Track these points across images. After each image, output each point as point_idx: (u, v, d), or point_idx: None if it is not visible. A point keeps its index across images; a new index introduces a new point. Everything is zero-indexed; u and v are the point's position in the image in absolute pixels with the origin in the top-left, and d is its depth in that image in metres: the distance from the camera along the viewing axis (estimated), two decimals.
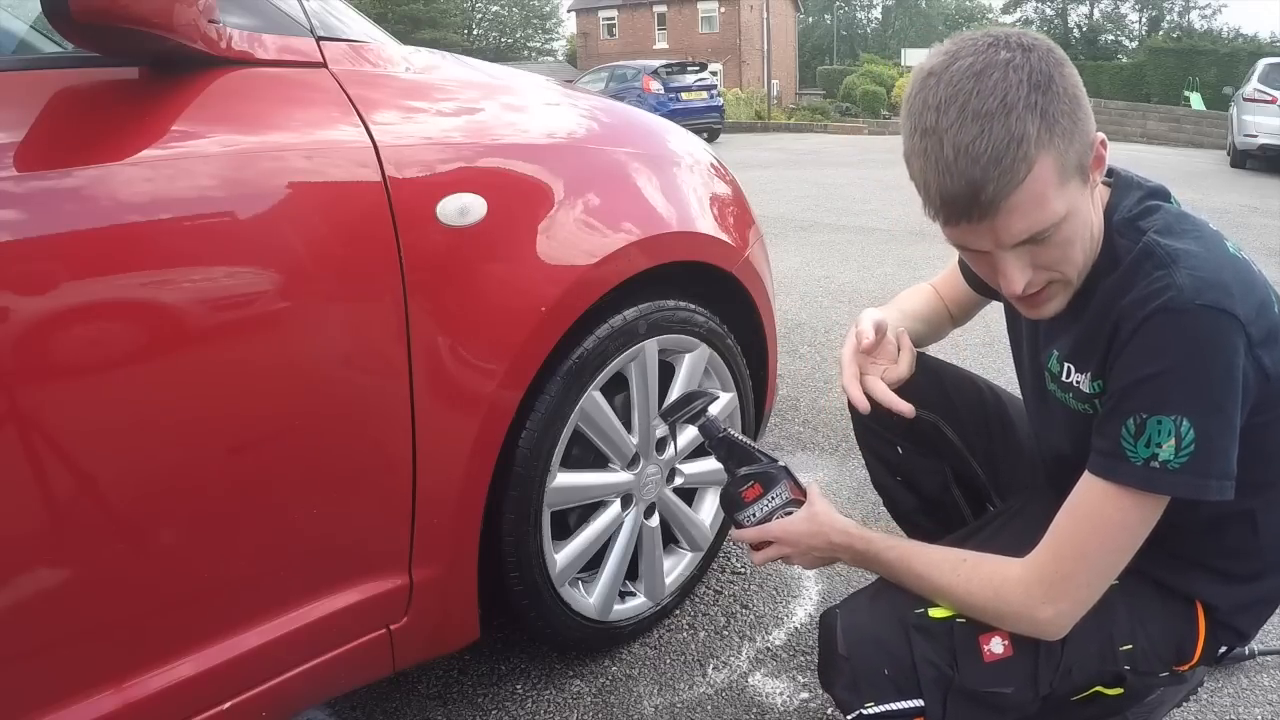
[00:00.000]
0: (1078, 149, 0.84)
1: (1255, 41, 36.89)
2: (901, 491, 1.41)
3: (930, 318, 1.33)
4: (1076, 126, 0.83)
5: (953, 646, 0.99)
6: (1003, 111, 0.80)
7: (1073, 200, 0.86)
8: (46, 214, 0.81)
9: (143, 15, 0.83)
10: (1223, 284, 0.85)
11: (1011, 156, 0.80)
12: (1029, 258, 0.89)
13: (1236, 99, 11.27)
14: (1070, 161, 0.84)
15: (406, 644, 1.17)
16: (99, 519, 0.88)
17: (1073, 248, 0.90)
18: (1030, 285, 0.91)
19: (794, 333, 3.48)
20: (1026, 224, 0.84)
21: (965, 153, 0.81)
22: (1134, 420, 0.87)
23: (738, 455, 1.13)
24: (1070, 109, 0.83)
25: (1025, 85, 0.81)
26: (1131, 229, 0.94)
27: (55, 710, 0.87)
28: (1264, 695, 1.43)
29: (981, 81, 0.81)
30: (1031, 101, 0.81)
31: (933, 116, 0.83)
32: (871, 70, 29.06)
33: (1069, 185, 0.85)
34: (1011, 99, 0.80)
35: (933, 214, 0.88)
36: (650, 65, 15.07)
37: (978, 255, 0.92)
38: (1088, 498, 0.92)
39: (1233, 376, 0.85)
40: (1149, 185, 0.99)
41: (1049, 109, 0.81)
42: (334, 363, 1.02)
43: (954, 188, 0.82)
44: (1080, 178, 0.86)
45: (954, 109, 0.82)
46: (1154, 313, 0.86)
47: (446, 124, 1.16)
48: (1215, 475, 0.86)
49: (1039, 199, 0.83)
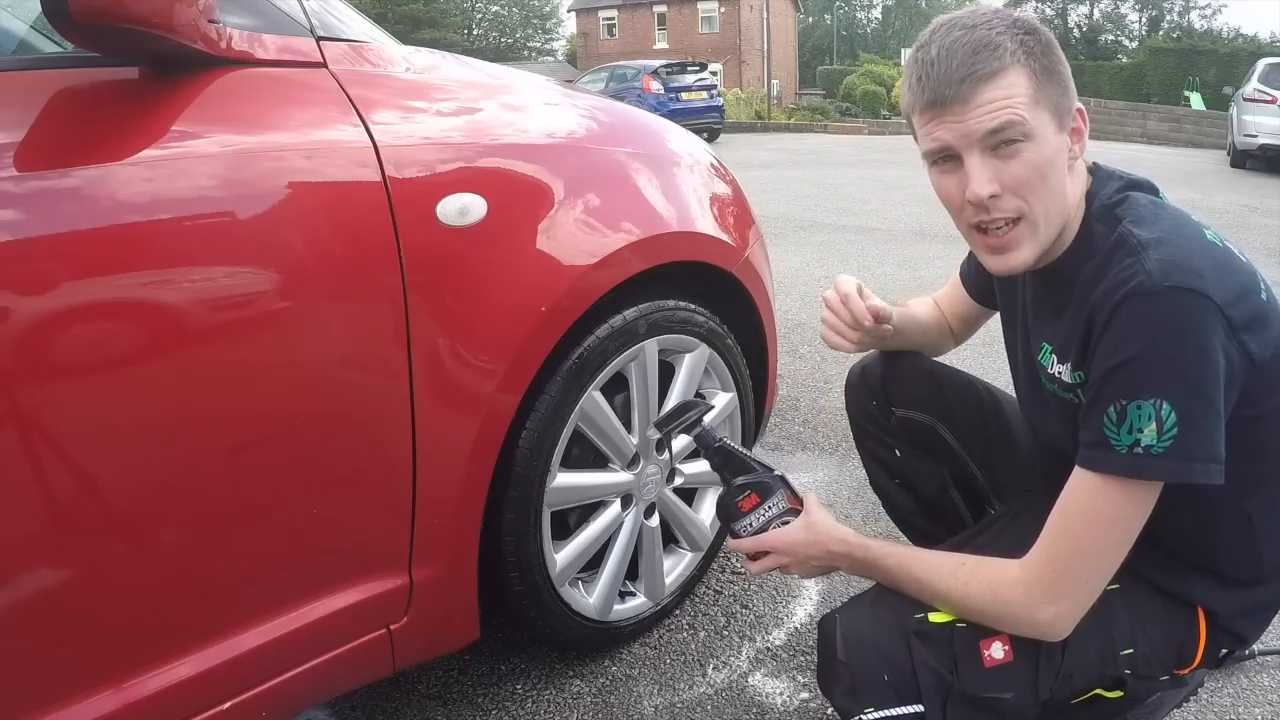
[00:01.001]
0: (1054, 92, 0.93)
1: (1255, 41, 36.87)
2: (900, 494, 1.41)
3: (929, 324, 1.33)
4: (1054, 71, 0.93)
5: (953, 652, 0.98)
6: (985, 27, 0.92)
7: (1045, 131, 0.92)
8: (47, 214, 0.81)
9: (143, 15, 0.83)
10: (1192, 267, 0.86)
11: (987, 54, 0.91)
12: (994, 170, 0.93)
13: (1236, 99, 11.27)
14: (1046, 93, 0.92)
15: (406, 644, 1.17)
16: (99, 519, 0.88)
17: (1042, 181, 0.93)
18: (994, 206, 0.94)
19: (794, 333, 3.48)
20: (993, 116, 0.91)
21: (948, 50, 0.92)
22: (1114, 408, 0.87)
23: (734, 465, 1.13)
24: (1051, 58, 0.93)
25: (1008, 22, 0.93)
26: (1109, 216, 0.96)
27: (55, 710, 0.87)
28: (1264, 695, 1.43)
29: (971, 18, 0.94)
30: (1013, 31, 0.92)
31: (925, 37, 0.95)
32: (871, 70, 29.06)
33: (1041, 111, 0.92)
34: (995, 24, 0.92)
35: (916, 106, 0.96)
36: (650, 65, 15.06)
37: (949, 173, 0.97)
38: (1079, 493, 0.92)
39: (1209, 358, 0.85)
40: (1129, 177, 1.00)
41: (1028, 41, 0.92)
42: (334, 363, 1.02)
43: (934, 76, 0.92)
44: (1056, 120, 0.93)
45: (943, 29, 0.94)
46: (1124, 299, 0.87)
47: (446, 124, 1.16)
48: (1200, 458, 0.86)
49: (1008, 99, 0.91)
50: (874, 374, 1.37)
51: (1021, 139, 0.91)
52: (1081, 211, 0.98)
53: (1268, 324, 0.90)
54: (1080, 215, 0.98)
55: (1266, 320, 0.90)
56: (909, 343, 1.33)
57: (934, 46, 0.93)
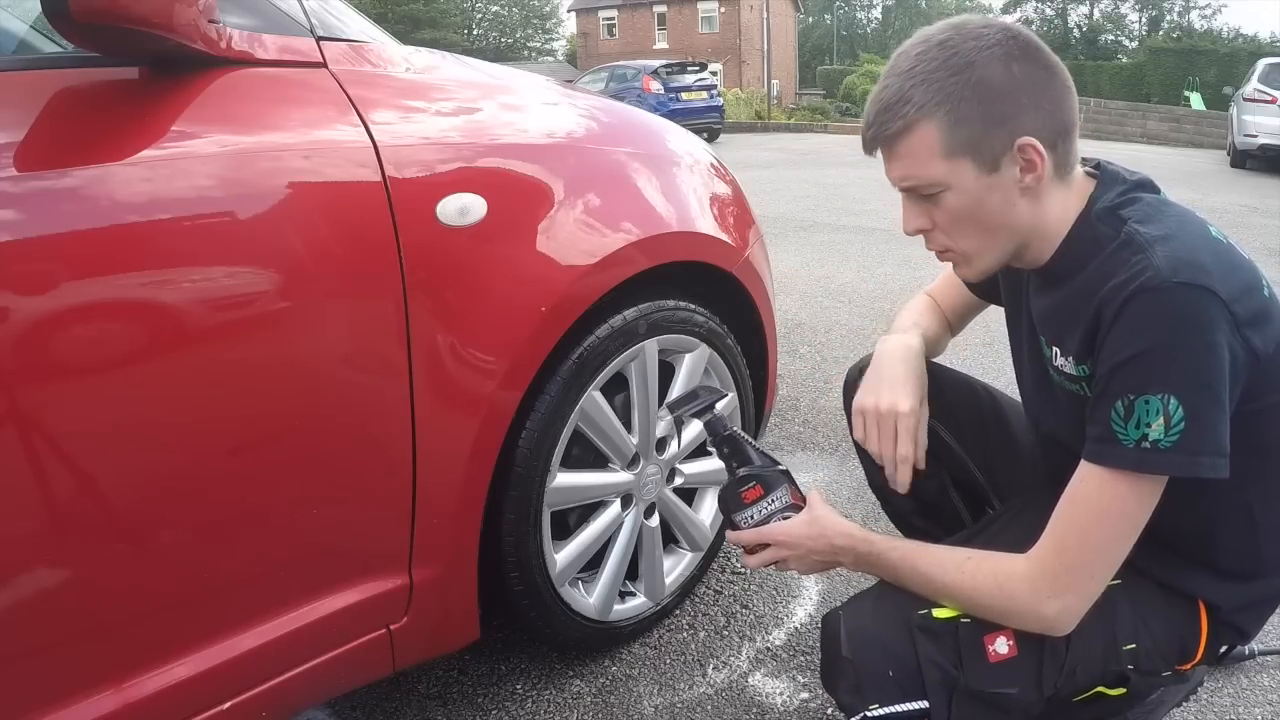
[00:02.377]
0: (974, 135, 0.92)
1: (1255, 41, 36.91)
2: (899, 495, 1.41)
3: (939, 337, 1.34)
4: (981, 115, 0.92)
5: (958, 647, 0.98)
6: (907, 76, 0.93)
7: (963, 180, 0.94)
8: (47, 214, 0.81)
9: (143, 15, 0.83)
10: (1199, 263, 0.87)
11: (893, 113, 0.93)
12: (923, 209, 0.99)
13: (1236, 99, 11.27)
14: (960, 140, 0.92)
15: (406, 644, 1.17)
16: (99, 519, 0.88)
17: (969, 222, 0.97)
18: (929, 239, 1.01)
19: (794, 333, 3.48)
20: (901, 173, 0.97)
21: (873, 100, 0.97)
22: (1122, 402, 0.88)
23: (740, 455, 1.12)
24: (981, 98, 0.91)
25: (937, 63, 0.92)
26: (1113, 218, 0.96)
27: (55, 710, 0.87)
28: (1264, 695, 1.43)
29: (911, 54, 0.95)
30: (934, 77, 0.92)
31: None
32: (871, 70, 29.05)
33: (957, 162, 0.93)
34: (920, 70, 0.93)
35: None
36: (650, 65, 15.06)
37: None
38: (1085, 486, 0.92)
39: (1216, 354, 0.85)
40: (1134, 178, 1.00)
41: (949, 86, 0.91)
42: (334, 363, 1.02)
43: (863, 125, 0.99)
44: (979, 164, 0.93)
45: (887, 67, 0.97)
46: (1133, 294, 0.87)
47: (446, 124, 1.16)
48: (1207, 452, 0.87)
49: (913, 156, 0.94)
50: None
51: (938, 190, 0.95)
52: (1076, 216, 0.98)
53: (1270, 320, 0.91)
54: (1074, 219, 0.98)
55: (1269, 316, 0.91)
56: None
57: (876, 88, 0.97)
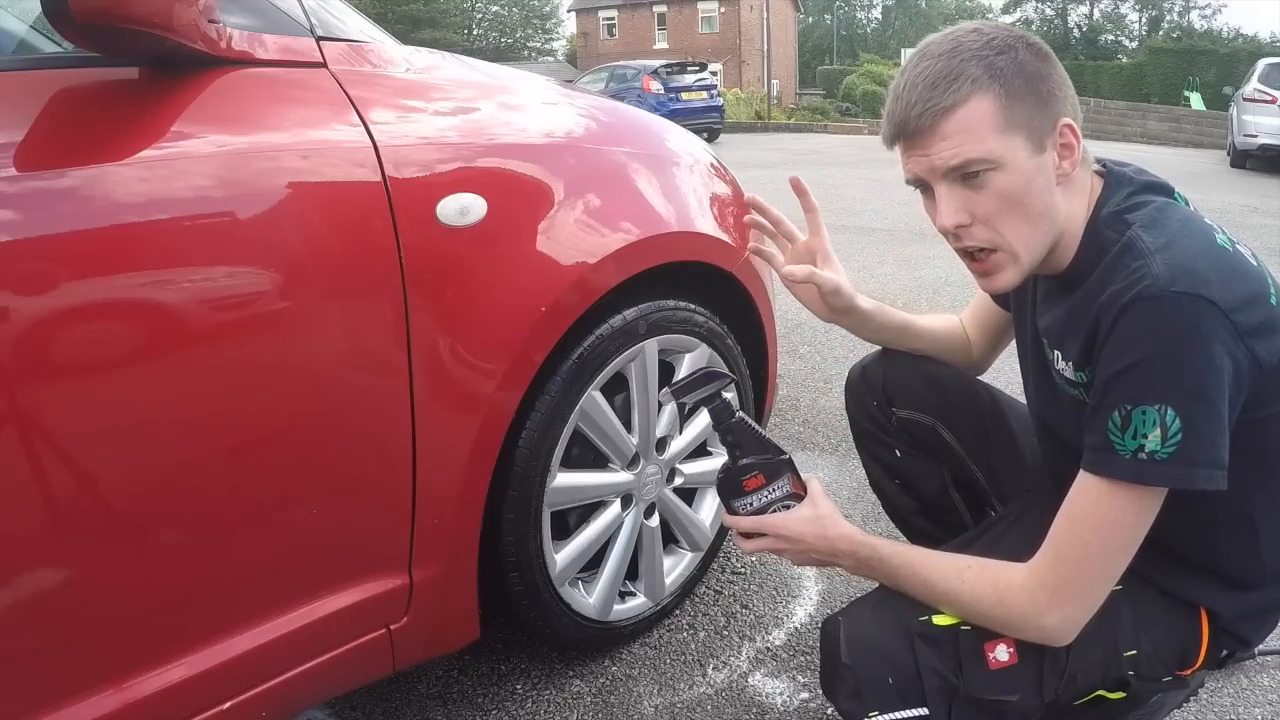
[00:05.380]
0: (1028, 111, 0.91)
1: (1255, 41, 36.90)
2: (900, 494, 1.41)
3: (936, 335, 1.32)
4: (1031, 91, 0.91)
5: (958, 654, 0.98)
6: (952, 54, 0.92)
7: (1017, 157, 0.91)
8: (46, 214, 0.81)
9: (143, 15, 0.83)
10: (1198, 271, 0.86)
11: (945, 86, 0.90)
12: (963, 200, 0.94)
13: (1236, 99, 11.28)
14: (1017, 116, 0.91)
15: (406, 644, 1.17)
16: (99, 519, 0.88)
17: (1016, 209, 0.93)
18: (966, 235, 0.96)
19: (794, 333, 3.48)
20: (954, 151, 0.91)
21: (911, 83, 0.93)
22: (1119, 413, 0.87)
23: (746, 442, 1.11)
24: (1027, 77, 0.91)
25: (981, 43, 0.92)
26: (1118, 222, 0.95)
27: (55, 710, 0.87)
28: (1264, 695, 1.43)
29: (946, 42, 0.94)
30: (983, 55, 0.91)
31: (904, 64, 0.96)
32: (871, 70, 29.08)
33: (1012, 138, 0.91)
34: (964, 48, 0.92)
35: (886, 138, 0.98)
36: (650, 65, 15.07)
37: (928, 199, 0.98)
38: (1083, 498, 0.92)
39: (1214, 364, 0.84)
40: (1143, 180, 0.99)
41: (998, 63, 0.91)
42: (334, 363, 1.02)
43: (899, 109, 0.94)
44: (1032, 143, 0.92)
45: (917, 57, 0.95)
46: (1130, 303, 0.86)
47: (446, 124, 1.16)
48: (1204, 464, 0.86)
49: (971, 131, 0.91)
50: (874, 374, 1.37)
51: (989, 168, 0.91)
52: (1085, 219, 0.97)
53: (1277, 330, 0.89)
54: (1083, 224, 0.97)
55: (1275, 326, 0.89)
56: (907, 347, 1.33)
57: (905, 77, 0.94)
